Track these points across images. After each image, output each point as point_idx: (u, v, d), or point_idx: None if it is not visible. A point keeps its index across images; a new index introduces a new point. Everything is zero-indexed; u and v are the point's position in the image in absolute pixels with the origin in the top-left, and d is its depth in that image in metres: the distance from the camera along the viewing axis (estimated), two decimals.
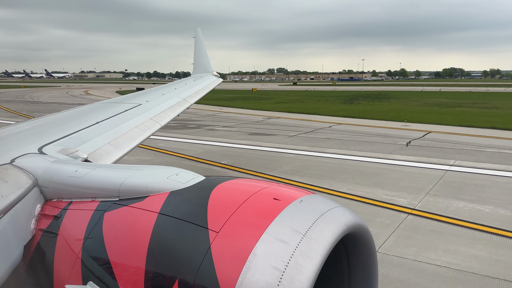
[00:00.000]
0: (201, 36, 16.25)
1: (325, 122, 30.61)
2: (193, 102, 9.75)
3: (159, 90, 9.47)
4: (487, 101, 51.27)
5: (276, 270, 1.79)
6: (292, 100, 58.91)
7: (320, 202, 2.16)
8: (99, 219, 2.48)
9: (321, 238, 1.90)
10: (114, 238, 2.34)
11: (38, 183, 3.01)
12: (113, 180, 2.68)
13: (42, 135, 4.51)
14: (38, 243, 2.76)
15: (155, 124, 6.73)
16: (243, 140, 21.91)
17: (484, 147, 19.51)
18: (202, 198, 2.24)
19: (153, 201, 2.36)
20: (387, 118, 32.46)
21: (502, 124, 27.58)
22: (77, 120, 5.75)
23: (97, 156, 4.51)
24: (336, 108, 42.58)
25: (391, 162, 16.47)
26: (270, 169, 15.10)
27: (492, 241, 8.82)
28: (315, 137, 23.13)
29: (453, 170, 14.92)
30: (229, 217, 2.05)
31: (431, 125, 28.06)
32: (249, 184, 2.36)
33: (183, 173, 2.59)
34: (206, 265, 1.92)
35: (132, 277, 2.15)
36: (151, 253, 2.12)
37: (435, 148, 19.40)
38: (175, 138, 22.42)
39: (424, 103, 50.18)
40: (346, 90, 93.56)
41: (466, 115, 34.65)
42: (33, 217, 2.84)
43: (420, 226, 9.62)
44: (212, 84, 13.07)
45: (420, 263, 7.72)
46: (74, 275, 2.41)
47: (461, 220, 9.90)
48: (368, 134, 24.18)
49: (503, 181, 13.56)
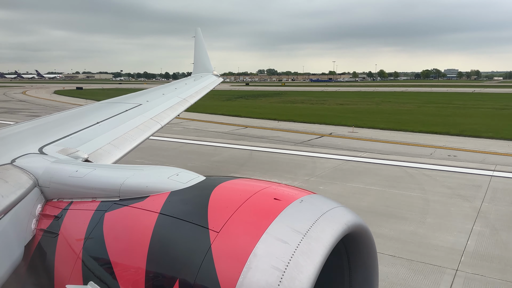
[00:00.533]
0: (201, 36, 16.22)
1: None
2: (193, 102, 9.75)
3: (160, 90, 9.47)
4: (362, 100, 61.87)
5: (276, 270, 1.79)
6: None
7: (320, 202, 2.16)
8: (100, 219, 2.48)
9: (321, 238, 1.90)
10: (114, 238, 2.34)
11: (39, 183, 3.01)
12: (113, 180, 2.68)
13: (43, 135, 4.51)
14: (39, 243, 2.76)
15: (156, 124, 6.73)
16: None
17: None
18: (203, 198, 2.24)
19: (154, 201, 2.36)
20: (218, 112, 39.27)
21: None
22: (77, 120, 5.75)
23: (98, 156, 4.51)
24: (208, 104, 47.03)
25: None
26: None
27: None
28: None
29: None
30: (229, 217, 2.05)
31: (242, 118, 35.23)
32: (249, 184, 2.36)
33: (183, 173, 2.59)
34: (207, 265, 1.92)
35: (133, 277, 2.15)
36: (152, 253, 2.12)
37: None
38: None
39: (295, 100, 60.19)
40: (257, 90, 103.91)
41: (283, 109, 44.87)
42: (33, 217, 2.84)
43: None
44: (212, 84, 13.06)
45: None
46: (75, 275, 2.41)
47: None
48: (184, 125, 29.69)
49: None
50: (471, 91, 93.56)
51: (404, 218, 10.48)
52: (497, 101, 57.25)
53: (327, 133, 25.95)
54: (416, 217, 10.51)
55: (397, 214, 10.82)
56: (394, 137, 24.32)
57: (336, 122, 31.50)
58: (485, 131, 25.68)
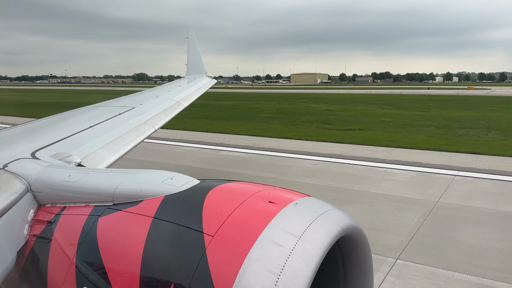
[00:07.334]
0: (195, 37, 16.11)
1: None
2: (187, 104, 9.71)
3: (153, 92, 9.43)
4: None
5: (271, 273, 1.79)
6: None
7: (315, 204, 2.16)
8: (93, 224, 2.46)
9: (316, 241, 1.90)
10: (108, 243, 2.32)
11: (31, 188, 2.98)
12: (107, 184, 2.66)
13: (35, 140, 4.47)
14: (32, 248, 2.73)
15: (149, 127, 6.70)
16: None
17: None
18: (197, 202, 2.23)
19: (148, 206, 2.34)
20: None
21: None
22: (70, 124, 5.71)
23: (91, 160, 4.48)
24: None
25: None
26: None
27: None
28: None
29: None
30: (224, 221, 2.04)
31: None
32: (244, 187, 2.35)
33: (177, 177, 2.58)
34: (202, 269, 1.91)
35: (127, 282, 2.13)
36: (146, 258, 2.11)
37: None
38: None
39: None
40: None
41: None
42: (26, 223, 2.81)
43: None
44: (206, 86, 13.02)
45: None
46: (68, 281, 2.39)
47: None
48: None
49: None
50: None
51: None
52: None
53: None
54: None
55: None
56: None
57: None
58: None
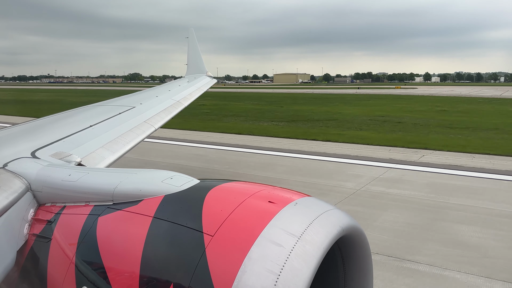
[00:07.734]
0: (195, 37, 16.08)
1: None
2: (187, 104, 9.72)
3: (153, 91, 9.43)
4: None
5: (271, 273, 1.79)
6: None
7: (314, 204, 2.16)
8: (93, 224, 2.46)
9: (316, 241, 1.90)
10: (108, 243, 2.32)
11: (31, 188, 2.98)
12: (106, 184, 2.66)
13: (35, 139, 4.47)
14: (31, 248, 2.73)
15: (149, 127, 6.70)
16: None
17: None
18: (197, 202, 2.23)
19: (148, 205, 2.34)
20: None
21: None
22: (70, 123, 5.71)
23: (91, 159, 4.48)
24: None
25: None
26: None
27: None
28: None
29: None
30: (224, 221, 2.04)
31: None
32: (244, 187, 2.35)
33: (177, 176, 2.58)
34: (201, 269, 1.91)
35: (127, 281, 2.13)
36: (146, 257, 2.11)
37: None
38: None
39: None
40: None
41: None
42: (26, 222, 2.81)
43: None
44: (206, 86, 13.02)
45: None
46: (68, 281, 2.39)
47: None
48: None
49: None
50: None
51: None
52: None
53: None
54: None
55: None
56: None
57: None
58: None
